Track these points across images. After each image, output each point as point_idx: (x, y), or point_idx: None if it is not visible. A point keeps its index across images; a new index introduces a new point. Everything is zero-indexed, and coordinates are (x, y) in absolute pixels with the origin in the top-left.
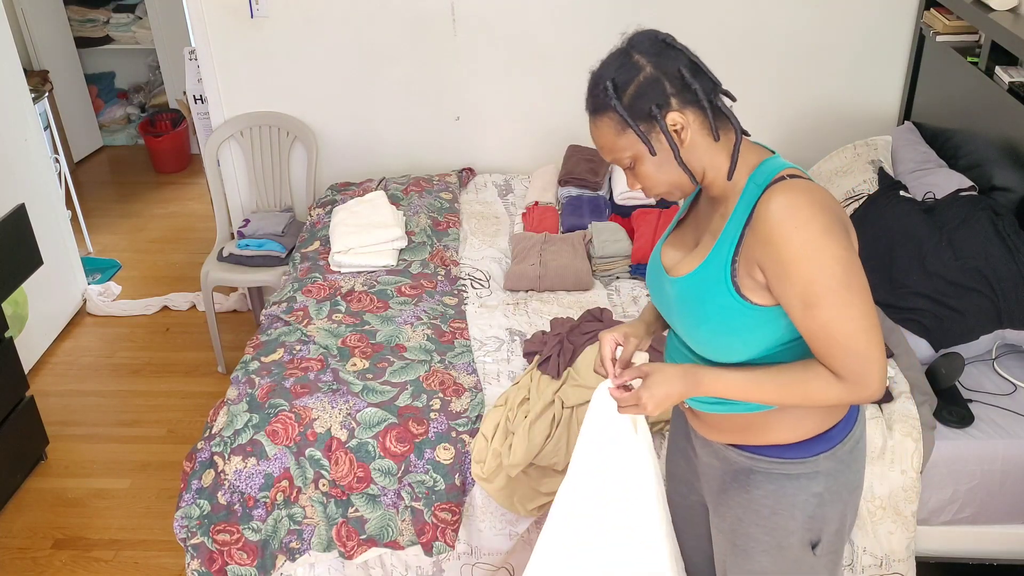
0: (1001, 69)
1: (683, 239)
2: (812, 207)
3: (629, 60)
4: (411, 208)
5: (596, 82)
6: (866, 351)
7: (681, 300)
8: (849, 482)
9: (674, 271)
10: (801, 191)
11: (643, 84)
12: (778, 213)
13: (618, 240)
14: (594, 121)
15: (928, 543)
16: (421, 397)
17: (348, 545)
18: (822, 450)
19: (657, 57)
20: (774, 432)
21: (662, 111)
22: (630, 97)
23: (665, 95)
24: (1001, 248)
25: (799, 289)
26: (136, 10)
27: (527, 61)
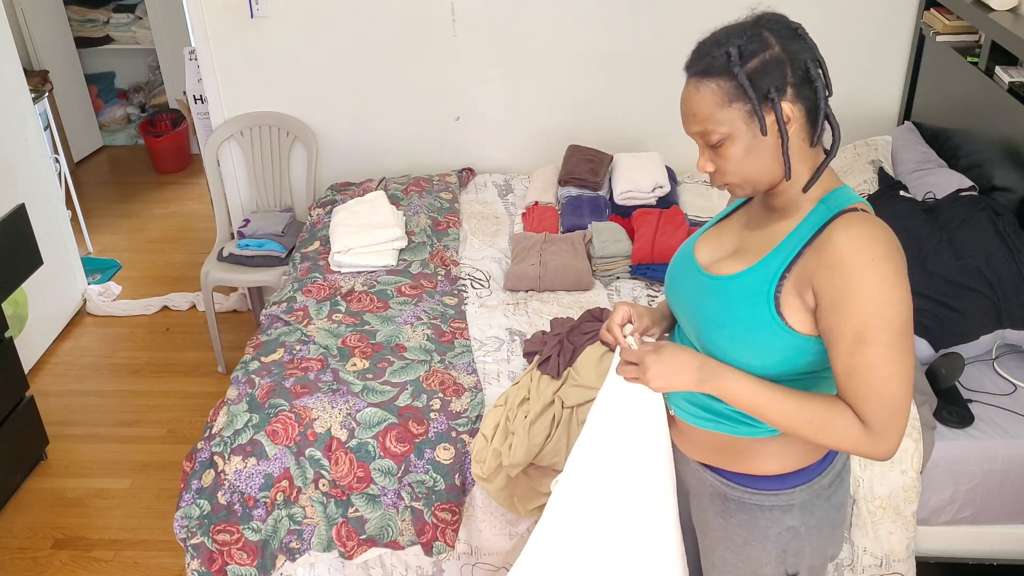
0: (1001, 69)
1: (721, 239)
2: (890, 246)
3: (759, 34)
4: (411, 208)
5: (715, 44)
6: (900, 403)
7: (713, 298)
8: (829, 517)
9: (712, 268)
10: (881, 228)
11: (769, 62)
12: (856, 242)
13: (618, 240)
14: (697, 83)
15: (928, 543)
16: (421, 397)
17: (348, 545)
18: (798, 483)
19: (787, 41)
20: (753, 460)
21: (779, 95)
22: (751, 70)
23: (785, 81)
24: (1001, 248)
25: (857, 321)
26: (136, 10)
27: (527, 61)
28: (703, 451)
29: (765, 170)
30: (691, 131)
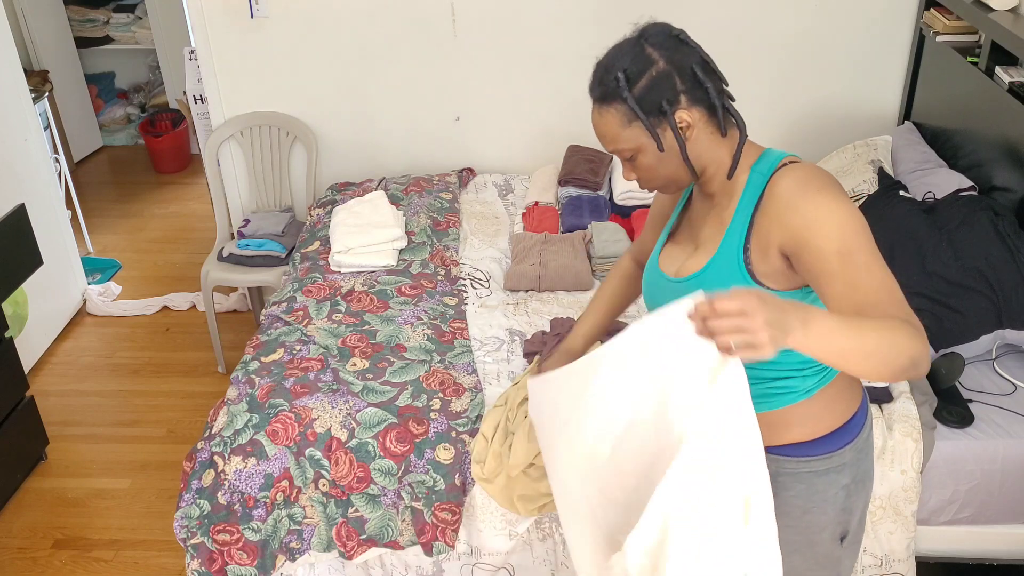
0: (1001, 69)
1: (678, 244)
2: (825, 177)
3: (642, 52)
4: (411, 208)
5: (606, 70)
6: (902, 298)
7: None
8: (868, 470)
9: (681, 273)
10: (811, 167)
11: (655, 78)
12: (796, 184)
13: (618, 240)
14: (599, 109)
15: (928, 543)
16: (421, 397)
17: (348, 545)
18: (847, 442)
19: (670, 52)
20: (796, 429)
21: (672, 107)
22: (641, 90)
23: (676, 91)
24: (1001, 248)
25: (833, 240)
26: (136, 10)
27: (527, 61)
28: None
29: (681, 170)
30: (607, 149)
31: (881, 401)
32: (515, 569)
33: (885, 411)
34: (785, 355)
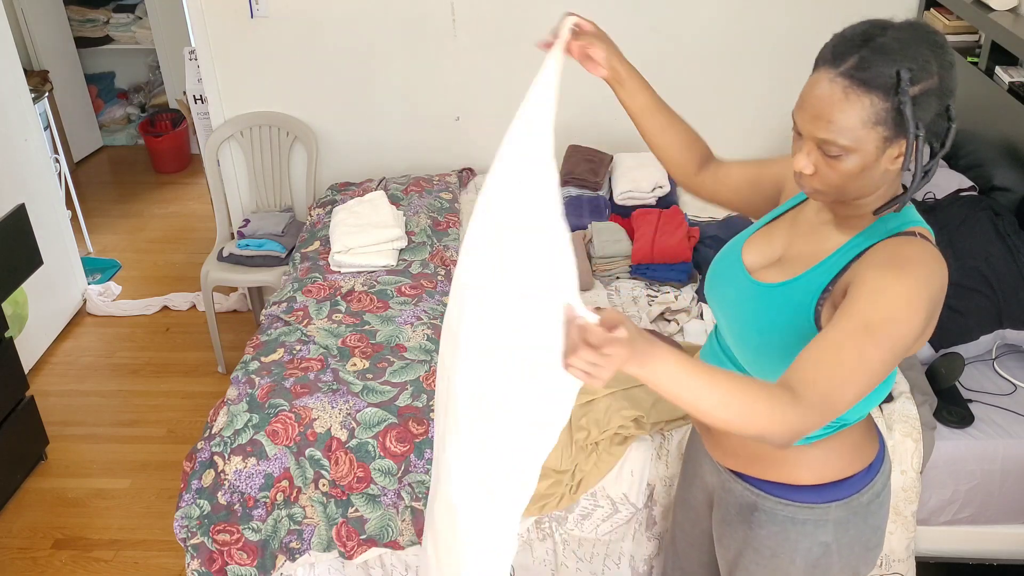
0: (1001, 69)
1: (771, 241)
2: (931, 277)
3: (922, 54)
4: (411, 208)
5: (883, 55)
6: (849, 397)
7: (755, 304)
8: (864, 538)
9: (759, 274)
10: (931, 257)
11: (929, 93)
12: (900, 256)
13: (618, 240)
14: (848, 91)
15: (928, 543)
16: (421, 397)
17: (348, 545)
18: (836, 498)
19: (942, 68)
20: (789, 468)
21: (923, 131)
22: (914, 100)
23: (932, 115)
24: (1001, 248)
25: (876, 316)
26: (136, 10)
27: (527, 61)
28: (736, 458)
29: (865, 189)
30: (811, 132)
31: (881, 401)
32: (515, 569)
33: (885, 411)
34: None
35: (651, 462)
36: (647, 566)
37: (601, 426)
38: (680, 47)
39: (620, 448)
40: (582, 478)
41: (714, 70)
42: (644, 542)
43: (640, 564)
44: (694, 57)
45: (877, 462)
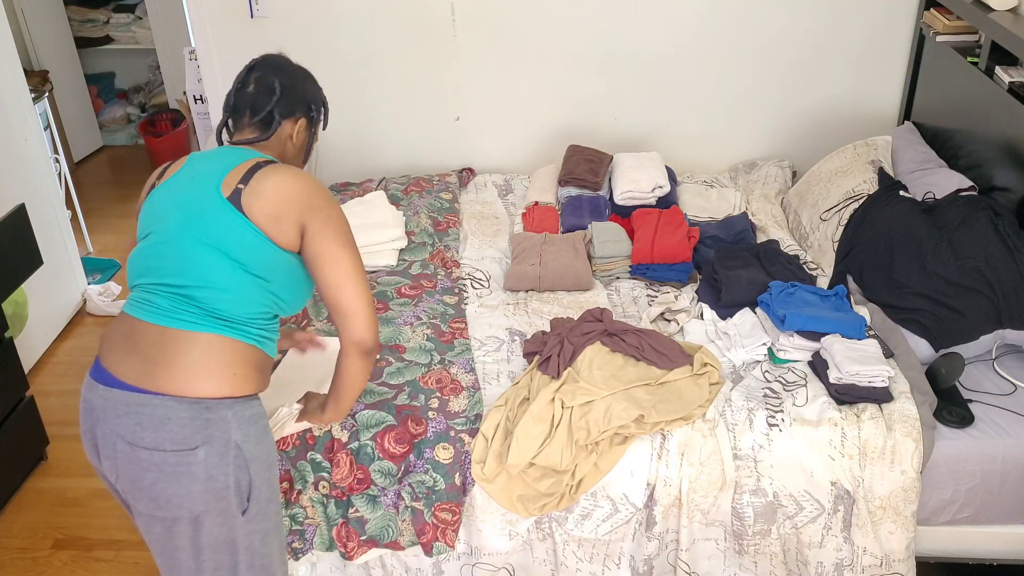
0: (1001, 69)
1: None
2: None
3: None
4: (411, 208)
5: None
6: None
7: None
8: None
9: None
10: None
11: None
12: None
13: (618, 240)
14: None
15: (928, 543)
16: (419, 397)
17: (349, 546)
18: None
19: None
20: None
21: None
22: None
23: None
24: (1001, 248)
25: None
26: (136, 10)
27: (527, 61)
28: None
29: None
30: None
31: (881, 401)
32: (515, 569)
33: (885, 411)
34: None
35: (651, 462)
36: (647, 566)
37: (601, 426)
38: (683, 46)
39: (620, 448)
40: (582, 478)
41: (719, 71)
42: (644, 542)
43: (640, 564)
44: (696, 58)
45: None
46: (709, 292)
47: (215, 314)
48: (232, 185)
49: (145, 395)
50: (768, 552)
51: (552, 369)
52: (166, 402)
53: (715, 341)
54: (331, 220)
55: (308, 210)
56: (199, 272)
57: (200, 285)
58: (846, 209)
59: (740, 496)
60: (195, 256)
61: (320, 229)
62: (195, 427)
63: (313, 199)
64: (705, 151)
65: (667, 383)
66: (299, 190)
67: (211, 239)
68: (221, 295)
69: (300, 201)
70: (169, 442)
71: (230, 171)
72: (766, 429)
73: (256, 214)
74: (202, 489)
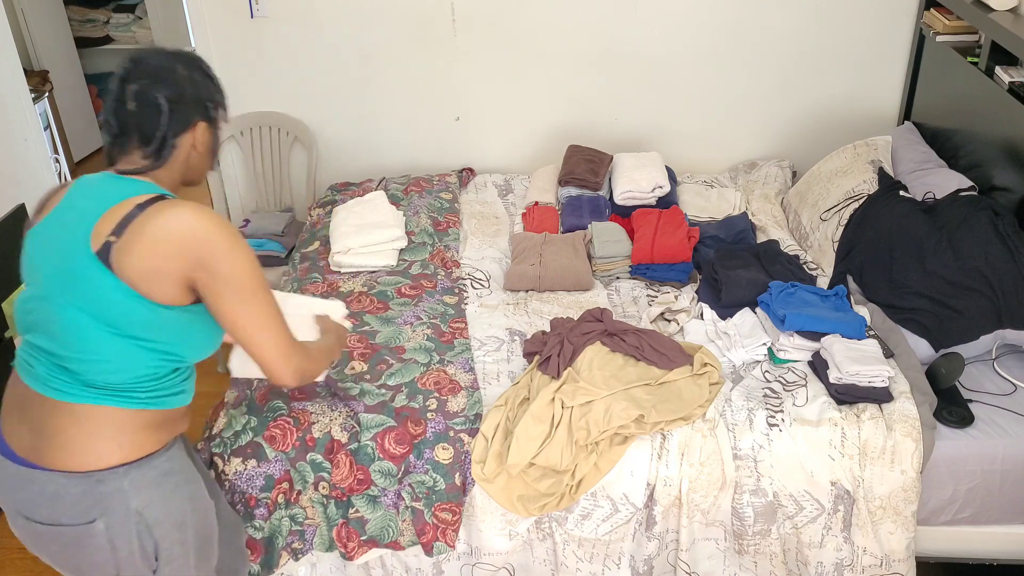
0: (1001, 69)
1: None
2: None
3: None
4: (411, 208)
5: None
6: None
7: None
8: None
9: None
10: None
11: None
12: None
13: (618, 240)
14: None
15: (928, 543)
16: (417, 397)
17: (349, 546)
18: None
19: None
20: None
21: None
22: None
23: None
24: (1001, 248)
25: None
26: (136, 10)
27: (527, 61)
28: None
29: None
30: None
31: (881, 401)
32: (515, 569)
33: (885, 411)
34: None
35: (651, 462)
36: (647, 566)
37: (601, 426)
38: (684, 46)
39: (620, 448)
40: (582, 478)
41: (720, 70)
42: (644, 542)
43: (640, 564)
44: (696, 58)
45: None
46: (709, 292)
47: (93, 384)
48: (103, 235)
49: (34, 471)
50: (768, 552)
51: (552, 369)
52: (55, 478)
53: (715, 341)
54: (219, 276)
55: (193, 267)
56: (71, 340)
57: (74, 355)
58: (846, 209)
59: (740, 496)
60: (66, 320)
61: (209, 288)
62: (89, 502)
63: (199, 252)
64: (705, 151)
65: (667, 383)
66: (180, 242)
67: (81, 302)
68: (97, 365)
69: (181, 256)
70: (65, 516)
71: (104, 214)
72: (766, 429)
73: (128, 272)
74: (108, 557)
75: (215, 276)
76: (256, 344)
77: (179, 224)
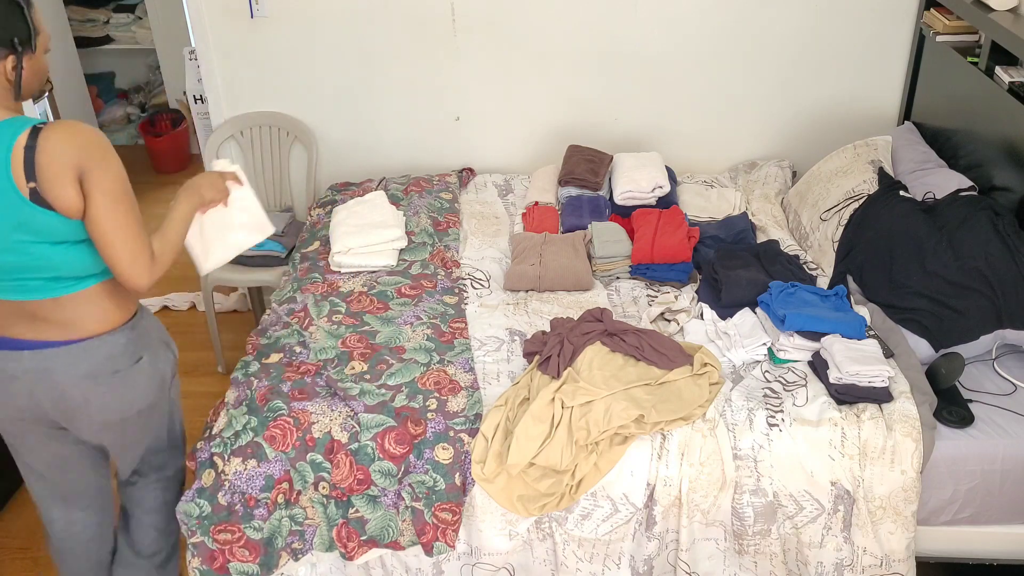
0: (1001, 69)
1: None
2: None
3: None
4: (411, 208)
5: None
6: None
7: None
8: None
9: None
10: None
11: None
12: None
13: (618, 240)
14: None
15: (928, 543)
16: (417, 398)
17: (349, 546)
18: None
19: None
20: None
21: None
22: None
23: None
24: (1001, 248)
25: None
26: (136, 10)
27: (527, 61)
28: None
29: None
30: None
31: (881, 401)
32: (515, 569)
33: (885, 411)
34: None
35: (651, 462)
36: (647, 566)
37: (601, 426)
38: (684, 47)
39: (620, 448)
40: (582, 478)
41: (720, 70)
42: (644, 542)
43: (640, 564)
44: (696, 57)
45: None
46: (709, 292)
47: (79, 276)
48: (24, 185)
49: (90, 341)
50: (768, 552)
51: (552, 369)
52: (105, 339)
53: (715, 341)
54: (100, 180)
55: (84, 174)
56: (47, 265)
57: (57, 274)
58: (846, 209)
59: (740, 496)
60: (36, 256)
61: (90, 191)
62: (133, 346)
63: (80, 163)
64: (705, 151)
65: (667, 383)
66: (73, 156)
67: (44, 237)
68: (75, 264)
69: (78, 164)
70: (121, 363)
71: (11, 160)
72: (766, 429)
73: (58, 203)
74: (154, 385)
75: (93, 182)
76: (115, 243)
77: (66, 143)
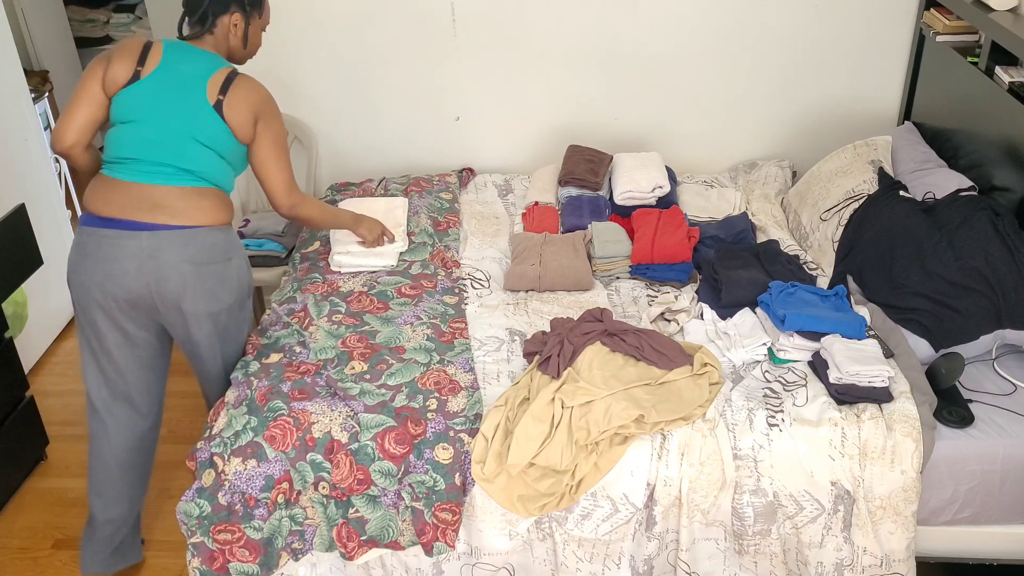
0: (1001, 69)
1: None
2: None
3: None
4: (411, 208)
5: None
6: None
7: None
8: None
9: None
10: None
11: None
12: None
13: (618, 240)
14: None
15: (928, 543)
16: (417, 398)
17: (349, 546)
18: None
19: None
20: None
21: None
22: None
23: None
24: (1001, 248)
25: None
26: (136, 10)
27: (527, 61)
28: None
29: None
30: None
31: (881, 401)
32: (515, 569)
33: (885, 411)
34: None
35: (651, 462)
36: (647, 566)
37: (601, 426)
38: (684, 47)
39: (620, 448)
40: (582, 478)
41: (720, 69)
42: (644, 542)
43: (640, 564)
44: (696, 57)
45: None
46: (709, 292)
47: (206, 178)
48: (214, 95)
49: (196, 229)
50: (768, 552)
51: (552, 369)
52: (210, 231)
53: (715, 341)
54: (268, 126)
55: (257, 118)
56: (191, 156)
57: (193, 165)
58: (846, 209)
59: (740, 496)
60: (190, 150)
61: (259, 132)
62: (228, 245)
63: (263, 109)
64: (705, 151)
65: (667, 383)
66: (256, 102)
67: (204, 139)
68: (206, 168)
69: (255, 110)
70: (216, 256)
71: (209, 80)
72: (766, 429)
73: (230, 119)
74: (236, 287)
75: (267, 126)
76: (272, 171)
77: (256, 92)
